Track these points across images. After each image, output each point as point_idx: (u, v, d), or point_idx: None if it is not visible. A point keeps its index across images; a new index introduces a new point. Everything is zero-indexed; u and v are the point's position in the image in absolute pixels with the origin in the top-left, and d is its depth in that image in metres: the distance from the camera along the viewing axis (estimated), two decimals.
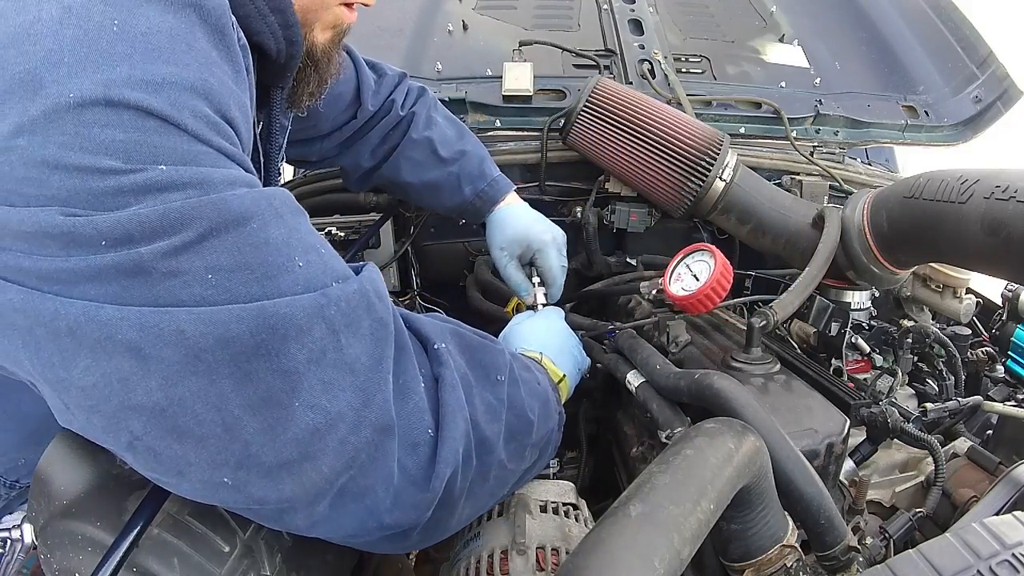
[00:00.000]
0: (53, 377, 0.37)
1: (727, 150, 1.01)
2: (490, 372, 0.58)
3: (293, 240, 0.42)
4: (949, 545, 0.49)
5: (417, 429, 0.48)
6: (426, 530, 0.52)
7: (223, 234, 0.38)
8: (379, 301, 0.47)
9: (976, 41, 1.47)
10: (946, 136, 1.45)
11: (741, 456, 0.50)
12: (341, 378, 0.42)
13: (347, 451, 0.43)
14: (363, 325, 0.45)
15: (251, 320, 0.38)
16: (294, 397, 0.40)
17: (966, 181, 0.71)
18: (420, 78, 1.31)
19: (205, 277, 0.37)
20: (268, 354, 0.39)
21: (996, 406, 0.94)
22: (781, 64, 1.48)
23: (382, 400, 0.45)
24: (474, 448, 0.52)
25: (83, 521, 0.49)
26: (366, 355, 0.44)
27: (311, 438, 0.41)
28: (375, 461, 0.45)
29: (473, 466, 0.53)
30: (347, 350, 0.43)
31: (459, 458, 0.50)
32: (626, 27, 1.45)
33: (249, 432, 0.39)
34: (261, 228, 0.40)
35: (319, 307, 0.41)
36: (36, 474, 0.53)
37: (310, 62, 0.63)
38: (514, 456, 0.59)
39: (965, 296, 1.00)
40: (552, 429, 0.67)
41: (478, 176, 1.01)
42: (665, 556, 0.40)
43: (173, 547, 0.49)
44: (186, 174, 0.37)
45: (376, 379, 0.45)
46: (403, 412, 0.47)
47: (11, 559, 0.69)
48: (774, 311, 0.78)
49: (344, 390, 0.42)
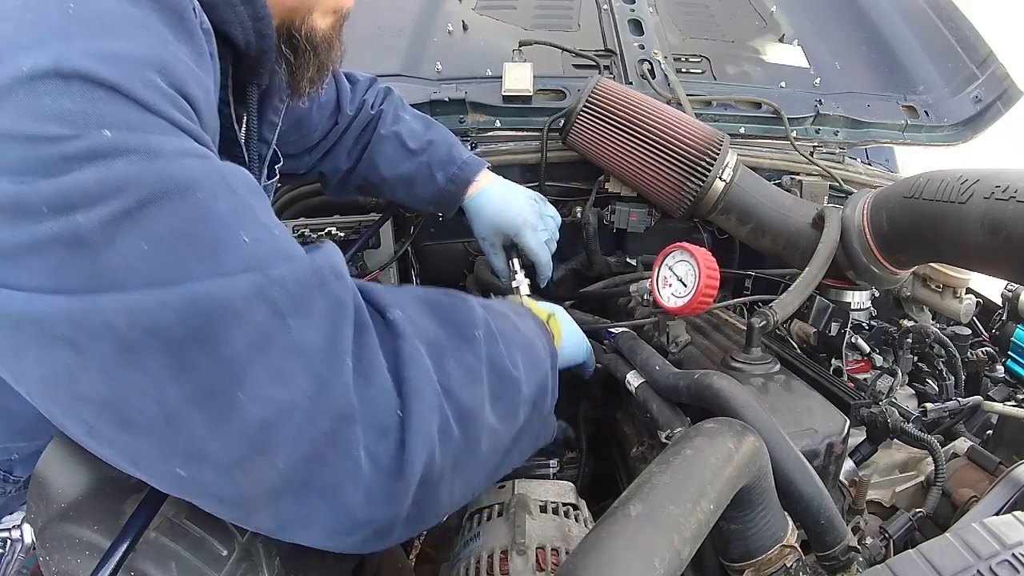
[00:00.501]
0: (12, 368, 0.38)
1: (727, 150, 1.01)
2: (465, 329, 0.53)
3: (243, 215, 0.40)
4: (949, 545, 0.49)
5: (383, 413, 0.44)
6: (411, 520, 0.48)
7: (164, 202, 0.36)
8: (336, 280, 0.44)
9: (976, 41, 1.47)
10: (946, 136, 1.45)
11: (741, 456, 0.50)
12: (292, 365, 0.39)
13: (304, 444, 0.39)
14: (316, 307, 0.41)
15: (180, 306, 0.36)
16: (237, 388, 0.37)
17: (966, 181, 0.71)
18: (420, 78, 1.31)
19: (140, 248, 0.35)
20: (204, 342, 0.36)
21: (996, 406, 0.94)
22: (781, 64, 1.48)
23: (340, 386, 0.41)
24: (454, 421, 0.48)
25: (81, 525, 0.49)
26: (320, 338, 0.41)
27: (261, 431, 0.38)
28: (338, 452, 0.41)
29: (455, 440, 0.48)
30: (297, 334, 0.39)
31: (434, 436, 0.46)
32: (626, 27, 1.45)
33: (193, 425, 0.37)
34: (208, 199, 0.38)
35: (258, 288, 0.38)
36: (34, 476, 0.53)
37: (309, 47, 0.63)
38: (506, 417, 0.55)
39: (965, 296, 1.00)
40: (545, 374, 0.62)
41: (448, 161, 1.02)
42: (665, 556, 0.40)
43: (170, 551, 0.49)
44: (132, 140, 0.36)
45: (333, 364, 0.41)
46: (366, 396, 0.43)
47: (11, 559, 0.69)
48: (774, 311, 0.78)
49: (296, 377, 0.39)
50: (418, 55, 1.36)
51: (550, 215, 1.06)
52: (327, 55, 0.66)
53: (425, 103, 1.25)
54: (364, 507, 0.43)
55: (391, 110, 1.05)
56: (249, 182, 0.43)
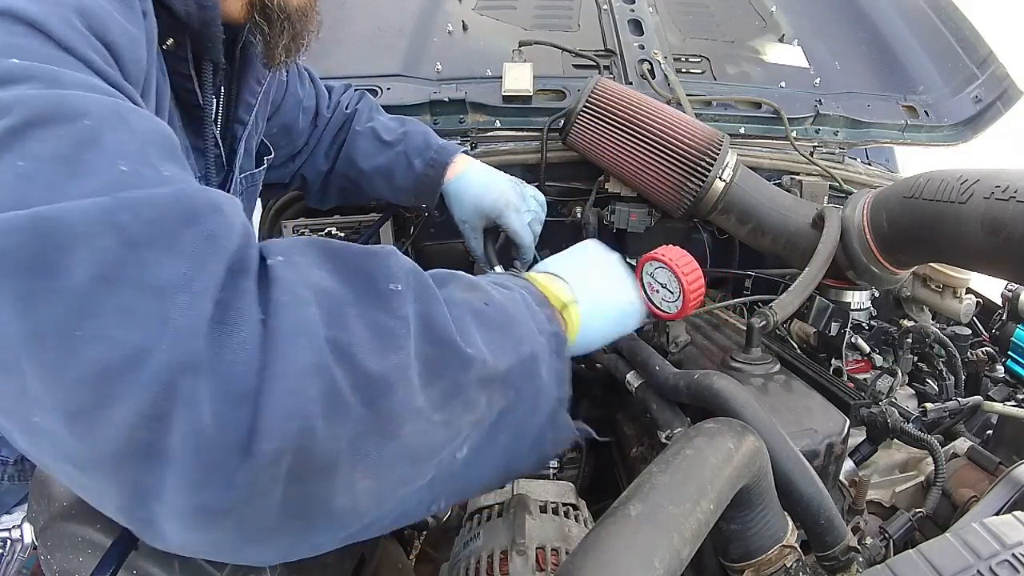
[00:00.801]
0: None
1: (727, 150, 1.01)
2: (377, 280, 0.42)
3: (129, 149, 0.38)
4: (949, 545, 0.49)
5: (241, 375, 0.35)
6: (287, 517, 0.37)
7: (50, 124, 0.36)
8: (212, 213, 0.37)
9: (976, 41, 1.47)
10: (946, 136, 1.45)
11: (741, 456, 0.50)
12: (145, 303, 0.34)
13: (146, 397, 0.33)
14: (182, 239, 0.36)
15: (25, 228, 0.33)
16: (78, 325, 0.33)
17: (966, 181, 0.71)
18: (420, 78, 1.31)
19: (16, 165, 0.34)
20: (46, 270, 0.33)
21: (996, 406, 0.94)
22: (781, 64, 1.48)
23: (190, 332, 0.34)
24: (352, 391, 0.37)
25: (82, 523, 0.49)
26: (177, 275, 0.35)
27: (102, 378, 0.33)
28: (179, 412, 0.33)
29: (355, 417, 0.37)
30: (154, 269, 0.34)
31: (309, 407, 0.35)
32: (626, 27, 1.45)
33: (33, 365, 0.33)
34: (95, 127, 0.37)
35: (104, 211, 0.34)
36: (36, 475, 0.53)
37: (283, 16, 0.65)
38: (446, 401, 0.42)
39: (965, 296, 1.00)
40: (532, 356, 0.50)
41: (424, 148, 1.04)
42: (665, 556, 0.40)
43: None
44: (37, 70, 0.37)
45: (186, 305, 0.34)
46: (223, 352, 0.35)
47: (11, 559, 0.69)
48: (774, 311, 0.78)
49: (145, 318, 0.33)
50: (418, 55, 1.36)
51: (532, 195, 1.06)
52: (302, 24, 0.67)
53: (425, 103, 1.25)
54: (201, 486, 0.34)
55: (365, 110, 1.09)
56: (152, 126, 0.41)
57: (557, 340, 0.54)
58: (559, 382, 0.53)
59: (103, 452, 0.33)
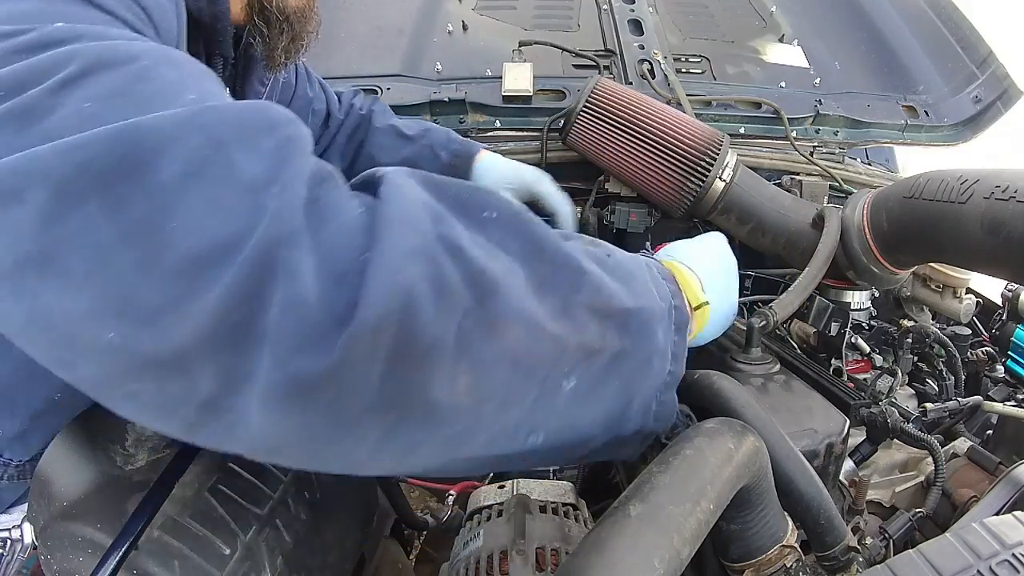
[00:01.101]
0: None
1: (727, 150, 1.01)
2: (469, 207, 0.43)
3: (189, 82, 0.40)
4: (949, 545, 0.49)
5: (342, 254, 0.36)
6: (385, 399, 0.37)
7: (107, 69, 0.38)
8: (288, 123, 0.40)
9: (976, 41, 1.47)
10: (946, 136, 1.45)
11: (741, 456, 0.50)
12: (235, 196, 0.35)
13: (243, 278, 0.34)
14: (263, 142, 0.38)
15: (110, 138, 0.35)
16: (169, 218, 0.34)
17: (966, 181, 0.71)
18: (420, 78, 1.31)
19: (82, 107, 0.36)
20: (134, 171, 0.34)
21: (996, 406, 0.94)
22: (781, 64, 1.48)
23: (286, 214, 0.36)
24: (462, 281, 0.38)
25: (83, 523, 0.49)
26: (266, 173, 0.36)
27: (196, 266, 0.34)
28: (277, 287, 0.35)
29: (463, 304, 0.38)
30: (241, 165, 0.36)
31: (415, 285, 0.36)
32: (626, 27, 1.45)
33: (124, 267, 0.34)
34: (152, 65, 0.39)
35: (192, 115, 0.36)
36: (36, 475, 0.53)
37: (282, 18, 0.66)
38: (557, 314, 0.43)
39: (965, 296, 1.00)
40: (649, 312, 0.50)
41: (448, 141, 1.08)
42: (665, 556, 0.40)
43: (173, 549, 0.49)
44: (83, 29, 0.39)
45: (281, 196, 0.36)
46: (321, 236, 0.36)
47: (11, 559, 0.69)
48: (774, 311, 0.78)
49: (236, 210, 0.35)
50: (418, 55, 1.36)
51: None
52: (301, 26, 0.69)
53: (425, 103, 1.25)
54: (300, 353, 0.35)
55: (380, 109, 1.12)
56: (202, 67, 0.43)
57: (678, 314, 0.54)
58: (675, 357, 0.53)
59: (196, 339, 0.34)
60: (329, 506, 0.65)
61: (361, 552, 0.72)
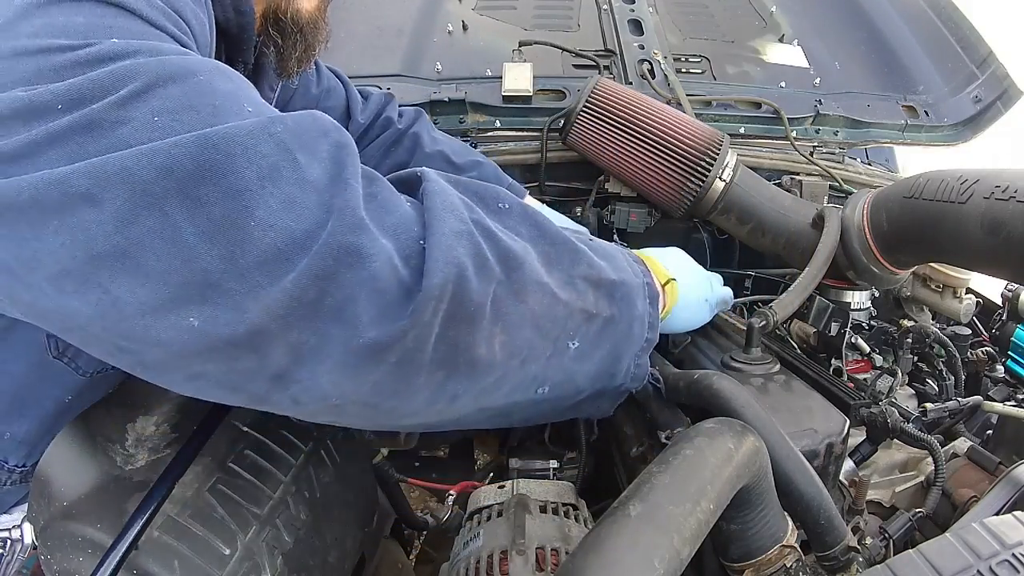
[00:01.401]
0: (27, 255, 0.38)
1: (727, 150, 1.01)
2: (488, 201, 0.52)
3: (243, 94, 0.43)
4: (949, 545, 0.49)
5: (405, 241, 0.43)
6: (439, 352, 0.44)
7: (170, 84, 0.40)
8: (336, 130, 0.45)
9: (976, 41, 1.47)
10: (946, 136, 1.45)
11: (741, 456, 0.50)
12: (304, 195, 0.40)
13: (316, 264, 0.39)
14: (320, 147, 0.43)
15: (192, 145, 0.38)
16: (249, 217, 0.38)
17: (966, 181, 0.71)
18: (420, 78, 1.31)
19: (151, 120, 0.38)
20: (214, 175, 0.38)
21: (996, 406, 0.94)
22: (781, 64, 1.48)
23: (351, 208, 0.41)
24: (494, 258, 0.47)
25: (83, 523, 0.49)
26: (326, 173, 0.42)
27: (276, 258, 0.39)
28: (351, 268, 0.40)
29: (496, 276, 0.46)
30: (307, 169, 0.41)
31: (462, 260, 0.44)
32: (626, 27, 1.45)
33: (208, 260, 0.38)
34: (209, 80, 0.41)
35: (262, 125, 0.40)
36: (36, 475, 0.53)
37: (295, 28, 0.67)
38: (563, 284, 0.52)
39: (965, 296, 1.00)
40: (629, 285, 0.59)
41: (496, 181, 1.05)
42: (665, 556, 0.40)
43: (173, 550, 0.49)
44: (137, 44, 0.41)
45: (344, 193, 0.41)
46: (385, 227, 0.43)
47: (11, 559, 0.69)
48: (774, 311, 0.78)
49: (308, 208, 0.40)
50: (418, 55, 1.36)
51: None
52: (313, 36, 0.70)
53: (425, 103, 1.25)
54: (377, 322, 0.41)
55: (426, 132, 1.08)
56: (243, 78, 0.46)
57: (650, 289, 0.62)
58: (651, 326, 0.61)
59: (271, 320, 0.39)
60: (329, 506, 0.65)
61: (361, 552, 0.72)
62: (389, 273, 0.41)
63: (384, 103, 1.09)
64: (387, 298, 0.41)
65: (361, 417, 0.48)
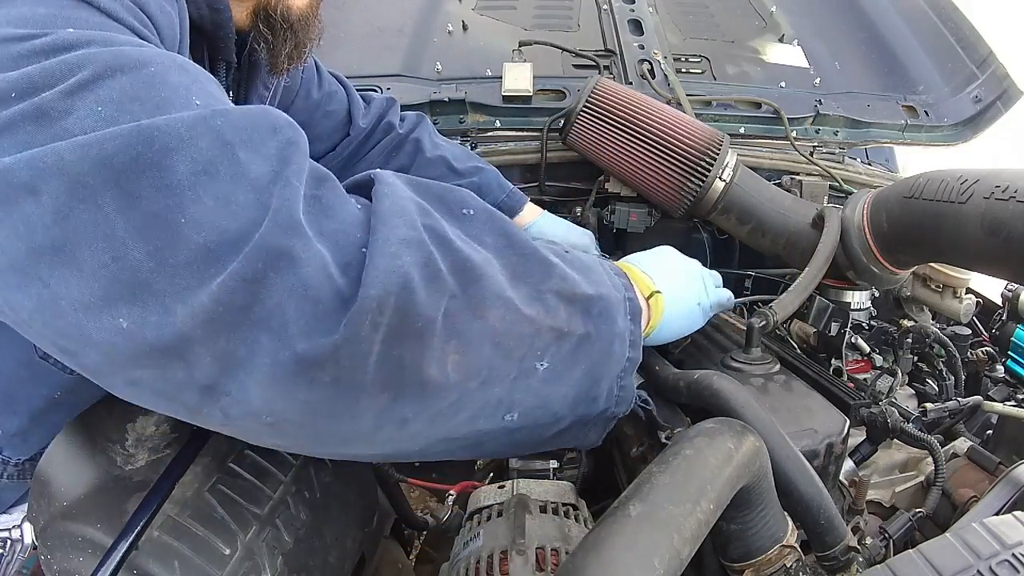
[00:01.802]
0: None
1: (727, 150, 1.01)
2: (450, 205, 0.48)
3: (196, 88, 0.42)
4: (949, 545, 0.49)
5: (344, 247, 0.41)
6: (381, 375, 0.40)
7: (119, 74, 0.39)
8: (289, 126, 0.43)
9: (976, 41, 1.47)
10: (946, 136, 1.45)
11: (741, 456, 0.50)
12: (240, 194, 0.38)
13: (246, 269, 0.37)
14: (267, 144, 0.41)
15: (127, 136, 0.37)
16: (181, 213, 0.37)
17: (966, 181, 0.71)
18: (420, 78, 1.31)
19: (96, 110, 0.37)
20: (149, 169, 0.36)
21: (996, 406, 0.94)
22: (781, 64, 1.48)
23: (287, 212, 0.39)
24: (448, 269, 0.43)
25: (83, 523, 0.49)
26: (269, 173, 0.40)
27: (205, 259, 0.37)
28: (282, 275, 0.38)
29: (449, 289, 0.42)
30: (247, 165, 0.39)
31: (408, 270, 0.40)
32: (626, 27, 1.45)
33: (137, 257, 0.36)
34: (161, 72, 0.40)
35: (202, 118, 0.39)
36: (36, 475, 0.53)
37: (286, 25, 0.67)
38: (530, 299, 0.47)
39: (965, 296, 1.00)
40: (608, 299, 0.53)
41: (498, 188, 1.06)
42: (665, 556, 0.40)
43: (173, 550, 0.49)
44: (92, 35, 0.40)
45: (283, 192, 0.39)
46: (324, 231, 0.41)
47: (11, 559, 0.69)
48: (774, 311, 0.78)
49: (243, 206, 0.38)
50: (418, 55, 1.36)
51: None
52: (304, 33, 0.70)
53: (425, 103, 1.25)
54: (307, 334, 0.38)
55: (427, 137, 1.07)
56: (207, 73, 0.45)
57: (632, 304, 0.56)
58: (633, 344, 0.55)
59: (196, 326, 0.37)
60: (329, 506, 0.65)
61: (361, 552, 0.72)
62: (321, 281, 0.38)
63: (386, 108, 1.09)
64: (319, 308, 0.38)
65: (301, 439, 0.44)
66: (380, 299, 0.39)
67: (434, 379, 0.42)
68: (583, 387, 0.53)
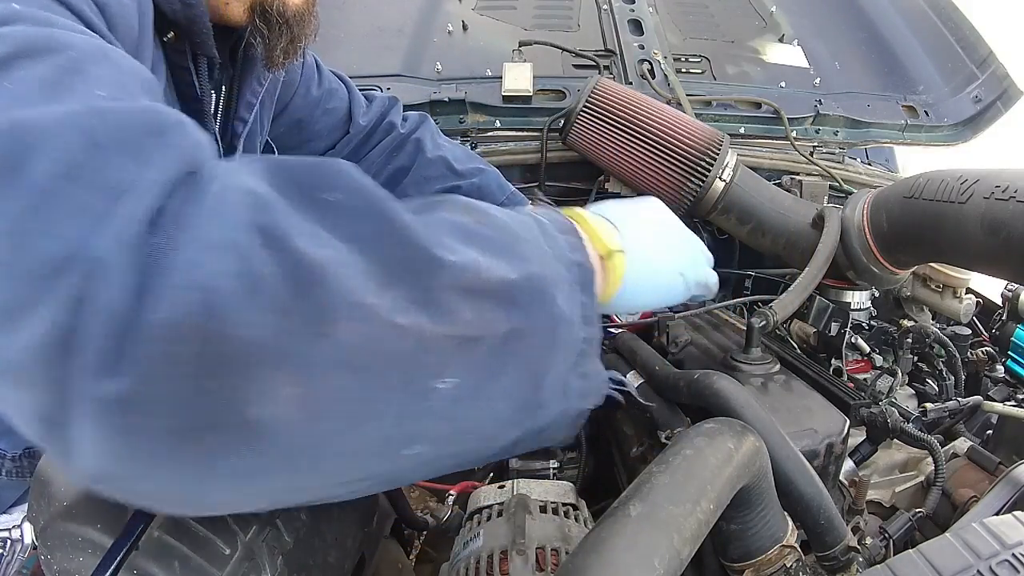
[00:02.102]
0: None
1: (727, 150, 1.01)
2: (307, 189, 0.37)
3: (109, 81, 0.40)
4: (949, 545, 0.49)
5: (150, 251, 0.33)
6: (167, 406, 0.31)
7: (37, 55, 0.38)
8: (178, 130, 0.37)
9: (976, 41, 1.47)
10: (946, 136, 1.45)
11: (741, 456, 0.50)
12: (98, 202, 0.32)
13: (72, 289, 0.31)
14: (146, 147, 0.35)
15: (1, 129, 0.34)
16: (32, 219, 0.32)
17: (966, 181, 0.71)
18: (420, 78, 1.31)
19: (3, 86, 0.36)
20: (11, 168, 0.33)
21: (996, 406, 0.94)
22: (781, 64, 1.48)
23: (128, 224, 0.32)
24: (277, 270, 0.33)
25: (83, 523, 0.49)
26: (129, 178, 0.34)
27: (46, 272, 0.31)
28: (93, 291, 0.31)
29: (281, 299, 0.32)
30: (109, 171, 0.33)
31: (217, 279, 0.31)
32: (626, 27, 1.45)
33: None
34: (80, 59, 0.39)
35: (74, 114, 0.35)
36: (36, 475, 0.53)
37: (282, 20, 0.67)
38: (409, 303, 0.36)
39: (965, 296, 1.00)
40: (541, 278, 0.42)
41: (498, 189, 1.04)
42: (665, 556, 0.40)
43: (173, 549, 0.49)
44: (31, 14, 0.40)
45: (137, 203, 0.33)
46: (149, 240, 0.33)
47: (11, 559, 0.69)
48: (774, 311, 0.78)
49: (95, 216, 0.32)
50: (418, 55, 1.36)
51: None
52: (300, 28, 0.70)
53: (425, 103, 1.25)
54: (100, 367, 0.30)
55: (429, 138, 1.06)
56: (136, 67, 0.43)
57: (581, 271, 0.46)
58: (585, 319, 0.44)
59: (34, 347, 0.31)
60: (329, 506, 0.65)
61: (361, 552, 0.72)
62: (113, 304, 0.30)
63: (388, 107, 1.08)
64: (114, 341, 0.30)
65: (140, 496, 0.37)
66: (169, 322, 0.30)
67: (265, 419, 0.32)
68: (521, 393, 0.42)
